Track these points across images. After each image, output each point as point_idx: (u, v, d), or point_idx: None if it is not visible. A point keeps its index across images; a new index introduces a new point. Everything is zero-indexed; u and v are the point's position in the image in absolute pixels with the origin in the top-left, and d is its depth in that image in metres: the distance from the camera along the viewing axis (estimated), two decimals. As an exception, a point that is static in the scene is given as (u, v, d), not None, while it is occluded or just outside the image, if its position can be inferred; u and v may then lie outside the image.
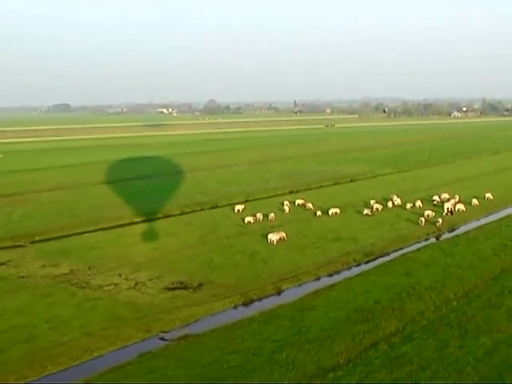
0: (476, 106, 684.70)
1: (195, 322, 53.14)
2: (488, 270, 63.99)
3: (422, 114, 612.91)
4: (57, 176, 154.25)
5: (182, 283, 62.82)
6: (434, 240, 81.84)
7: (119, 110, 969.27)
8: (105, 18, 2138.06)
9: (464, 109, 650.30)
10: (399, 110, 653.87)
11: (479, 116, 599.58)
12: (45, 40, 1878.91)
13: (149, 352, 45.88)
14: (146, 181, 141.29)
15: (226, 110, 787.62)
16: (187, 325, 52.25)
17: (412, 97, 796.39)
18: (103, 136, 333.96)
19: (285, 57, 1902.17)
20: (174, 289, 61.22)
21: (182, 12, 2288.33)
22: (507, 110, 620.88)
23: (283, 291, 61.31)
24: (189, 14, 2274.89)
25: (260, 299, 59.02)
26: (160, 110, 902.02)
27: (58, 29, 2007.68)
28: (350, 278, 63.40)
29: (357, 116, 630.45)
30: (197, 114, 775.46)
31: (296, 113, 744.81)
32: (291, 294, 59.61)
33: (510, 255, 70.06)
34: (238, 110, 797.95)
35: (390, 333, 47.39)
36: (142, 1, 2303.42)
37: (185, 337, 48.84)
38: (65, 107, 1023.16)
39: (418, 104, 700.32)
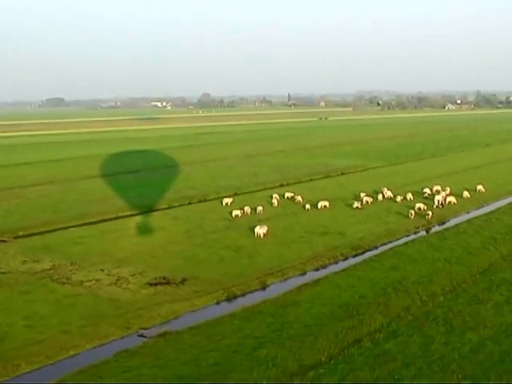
0: (470, 99, 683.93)
1: (176, 318, 51.93)
2: (476, 264, 62.89)
3: (416, 107, 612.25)
4: (45, 170, 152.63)
5: (164, 279, 61.52)
6: (423, 233, 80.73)
7: (113, 104, 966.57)
8: (100, 13, 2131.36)
9: (458, 101, 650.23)
10: (393, 103, 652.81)
11: (473, 109, 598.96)
12: (39, 35, 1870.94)
13: (126, 350, 44.60)
14: (135, 175, 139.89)
15: (219, 103, 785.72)
16: (168, 321, 51.06)
17: (407, 90, 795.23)
18: (95, 130, 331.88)
19: (279, 51, 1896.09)
20: (156, 284, 59.92)
21: (177, 7, 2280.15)
22: (501, 102, 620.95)
23: (268, 286, 60.10)
24: (184, 9, 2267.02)
25: (244, 295, 57.79)
26: (154, 103, 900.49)
27: (51, 23, 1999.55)
28: (336, 273, 62.18)
29: (351, 109, 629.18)
30: (190, 107, 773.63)
31: (290, 106, 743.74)
32: (276, 290, 58.41)
33: (500, 249, 68.97)
34: (231, 104, 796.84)
35: (375, 329, 46.26)
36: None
37: (164, 334, 47.58)
38: (59, 101, 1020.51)
39: (412, 97, 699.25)
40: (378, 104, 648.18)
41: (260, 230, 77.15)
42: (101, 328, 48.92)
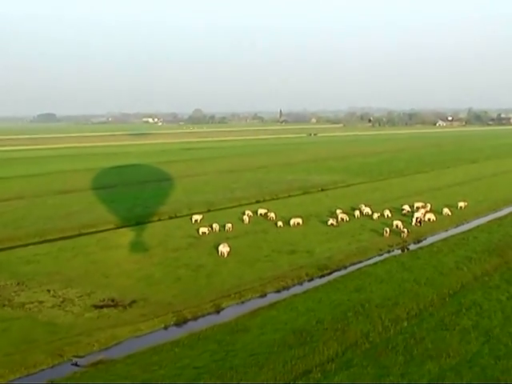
0: (462, 116, 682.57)
1: (116, 344, 47.79)
2: (447, 286, 58.85)
3: (407, 124, 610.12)
4: (18, 185, 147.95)
5: (112, 300, 57.35)
6: (397, 252, 76.85)
7: (104, 119, 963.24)
8: (91, 28, 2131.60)
9: (449, 118, 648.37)
10: (384, 119, 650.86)
11: (464, 125, 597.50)
12: (29, 49, 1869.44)
13: (52, 381, 40.36)
14: (108, 190, 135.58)
15: (210, 119, 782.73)
16: (107, 348, 46.93)
17: (399, 107, 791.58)
18: (77, 145, 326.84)
19: (273, 68, 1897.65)
20: (102, 307, 55.70)
21: (170, 23, 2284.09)
22: (492, 119, 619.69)
23: (223, 309, 56.05)
24: (177, 25, 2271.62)
25: (195, 319, 53.69)
26: (145, 119, 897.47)
27: (42, 39, 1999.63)
28: (296, 295, 58.09)
29: (341, 125, 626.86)
30: (181, 123, 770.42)
31: (281, 122, 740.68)
32: (230, 313, 54.37)
33: (473, 269, 64.98)
34: (222, 120, 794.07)
35: (328, 358, 42.13)
36: (127, 10, 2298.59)
37: (98, 363, 43.44)
38: (50, 117, 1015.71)
39: (404, 114, 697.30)
40: (369, 120, 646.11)
41: (223, 249, 73.18)
42: (30, 356, 44.65)
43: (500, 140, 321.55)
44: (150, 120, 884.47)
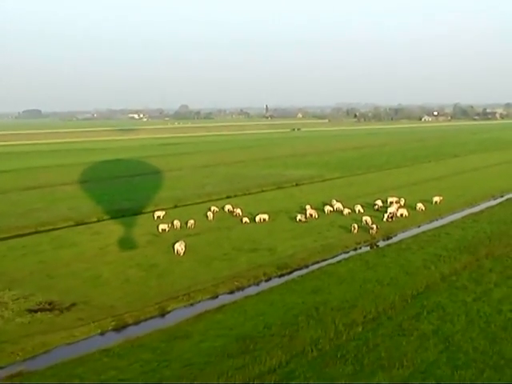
0: (447, 111, 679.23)
1: (44, 353, 43.56)
2: (411, 287, 54.92)
3: (392, 119, 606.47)
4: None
5: (50, 304, 53.19)
6: (364, 249, 72.75)
7: (90, 115, 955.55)
8: (78, 25, 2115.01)
9: (435, 113, 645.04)
10: (370, 114, 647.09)
11: (449, 120, 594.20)
12: (14, 45, 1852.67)
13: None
14: (76, 186, 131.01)
15: (196, 115, 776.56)
16: (33, 357, 42.70)
17: (386, 103, 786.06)
18: (55, 141, 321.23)
19: (261, 65, 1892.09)
20: (36, 311, 51.52)
21: (158, 21, 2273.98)
22: (478, 114, 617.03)
23: (168, 313, 51.97)
24: (164, 24, 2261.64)
25: (137, 323, 49.62)
26: (131, 115, 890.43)
27: (29, 34, 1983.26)
28: (248, 297, 54.12)
29: (326, 121, 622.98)
30: (167, 119, 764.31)
31: (267, 117, 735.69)
32: (175, 317, 50.37)
33: (441, 268, 61.13)
34: (208, 116, 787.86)
35: (269, 369, 38.27)
36: (115, 5, 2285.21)
37: (16, 375, 39.23)
38: (36, 113, 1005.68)
39: (390, 109, 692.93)
40: (355, 116, 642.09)
41: (179, 247, 69.17)
42: None
43: (485, 134, 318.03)
44: (136, 116, 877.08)
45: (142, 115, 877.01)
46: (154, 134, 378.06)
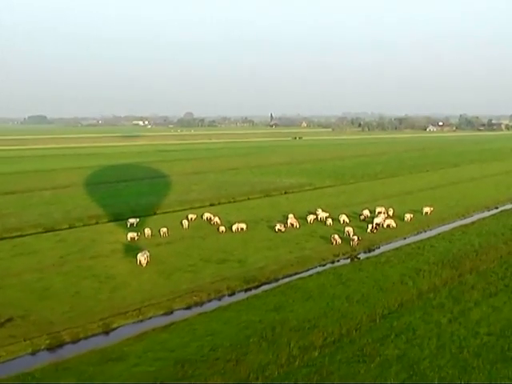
0: (453, 121, 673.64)
1: (-38, 376, 38.61)
2: (383, 305, 50.03)
3: (396, 128, 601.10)
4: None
5: (-16, 319, 48.29)
6: (342, 262, 67.85)
7: (95, 121, 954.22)
8: (84, 30, 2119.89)
9: (440, 123, 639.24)
10: (374, 123, 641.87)
11: (454, 131, 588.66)
12: (21, 50, 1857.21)
13: None
14: (56, 191, 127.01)
15: (200, 122, 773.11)
16: (-52, 381, 37.79)
17: (393, 113, 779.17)
18: (54, 146, 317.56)
19: (269, 73, 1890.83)
20: (-34, 327, 46.62)
21: (161, 27, 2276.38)
22: (483, 124, 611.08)
23: (113, 330, 47.16)
24: (168, 29, 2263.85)
25: (74, 342, 44.87)
26: (136, 122, 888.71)
27: (34, 40, 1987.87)
28: (202, 314, 49.29)
29: (330, 130, 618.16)
30: (171, 126, 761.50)
31: (272, 126, 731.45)
32: (119, 335, 45.69)
33: (419, 283, 56.22)
34: (212, 123, 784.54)
35: (203, 400, 33.20)
36: (119, 10, 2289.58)
37: None
38: (41, 119, 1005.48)
39: (395, 119, 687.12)
40: (359, 125, 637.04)
41: (141, 257, 64.56)
42: None
43: (488, 144, 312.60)
44: (141, 123, 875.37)
45: (146, 122, 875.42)
46: (153, 141, 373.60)
